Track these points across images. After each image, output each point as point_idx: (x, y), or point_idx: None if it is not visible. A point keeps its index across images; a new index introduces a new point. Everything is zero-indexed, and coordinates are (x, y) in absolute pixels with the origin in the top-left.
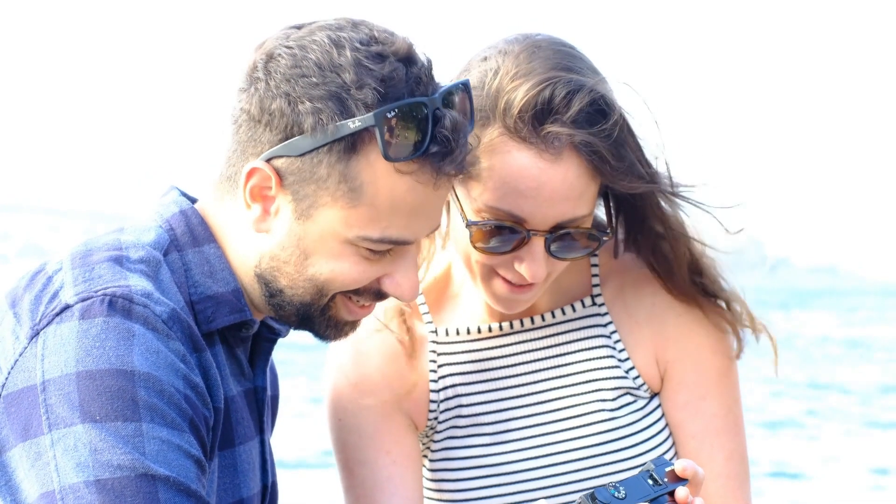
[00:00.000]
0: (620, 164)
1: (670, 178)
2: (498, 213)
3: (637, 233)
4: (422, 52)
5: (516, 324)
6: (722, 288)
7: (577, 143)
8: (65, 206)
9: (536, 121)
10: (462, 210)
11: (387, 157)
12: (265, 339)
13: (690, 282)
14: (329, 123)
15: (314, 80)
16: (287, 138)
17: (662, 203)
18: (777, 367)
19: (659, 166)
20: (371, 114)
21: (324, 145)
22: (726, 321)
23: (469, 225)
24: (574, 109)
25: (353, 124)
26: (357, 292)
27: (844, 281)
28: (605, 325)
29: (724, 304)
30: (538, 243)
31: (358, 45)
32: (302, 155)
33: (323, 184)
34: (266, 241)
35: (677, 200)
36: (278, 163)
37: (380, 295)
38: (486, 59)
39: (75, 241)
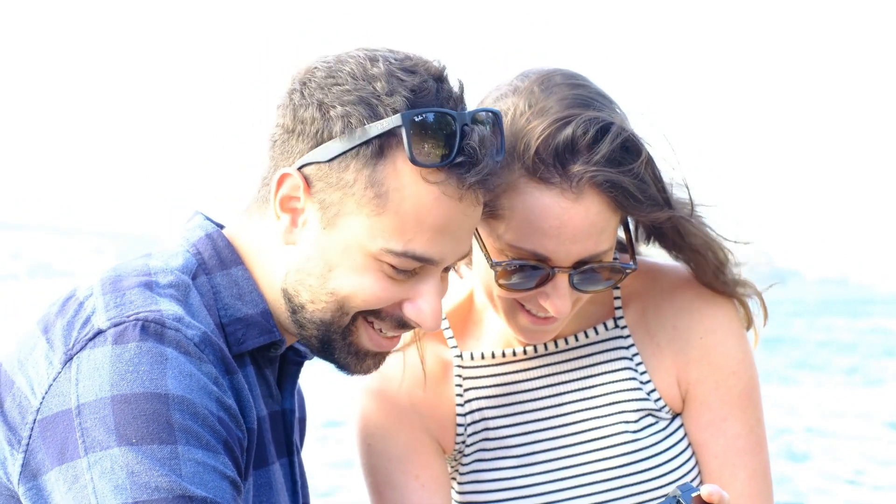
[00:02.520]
0: (643, 199)
1: (690, 199)
2: (521, 253)
3: (661, 244)
4: (455, 77)
5: (540, 347)
6: (745, 284)
7: (598, 181)
8: (73, 224)
9: (558, 160)
10: (485, 249)
11: (413, 161)
12: (292, 362)
13: (716, 278)
14: (357, 127)
15: (347, 87)
16: (317, 144)
17: (679, 223)
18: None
19: (677, 190)
20: (398, 115)
21: (351, 149)
22: (747, 312)
23: (494, 266)
24: (604, 150)
25: (381, 126)
26: (379, 316)
27: (855, 292)
28: (627, 348)
29: (743, 291)
30: (562, 280)
31: (392, 60)
32: (330, 160)
33: (349, 189)
34: (293, 255)
35: (694, 221)
36: (308, 170)
37: (402, 324)
38: (500, 97)
39: (103, 267)
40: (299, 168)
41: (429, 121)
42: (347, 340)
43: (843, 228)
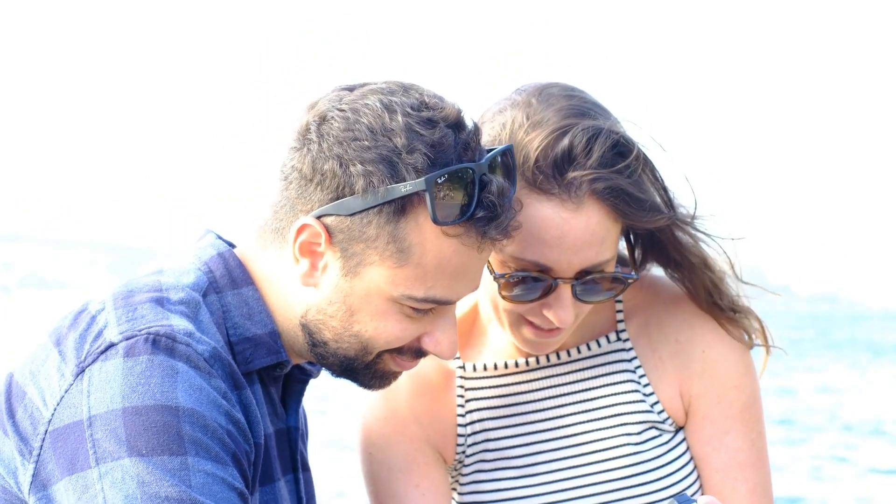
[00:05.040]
0: (642, 202)
1: (690, 207)
2: (523, 264)
3: (658, 261)
4: (469, 117)
5: (542, 359)
6: (739, 305)
7: (598, 189)
8: (65, 236)
9: (557, 170)
10: (488, 262)
11: (435, 221)
12: (297, 381)
13: (710, 302)
14: (380, 186)
15: (366, 143)
16: (338, 198)
17: (679, 234)
18: (763, 371)
19: (674, 198)
20: (422, 178)
21: (374, 207)
22: (744, 331)
23: (497, 278)
24: (595, 155)
25: (405, 188)
26: (400, 352)
27: (845, 308)
28: (629, 360)
29: (740, 318)
30: (565, 290)
31: (409, 111)
32: (352, 215)
33: (372, 243)
34: (313, 295)
35: (692, 230)
36: (328, 220)
37: (420, 353)
38: (499, 112)
39: (115, 283)
40: (318, 217)
41: (450, 179)
42: (372, 370)
43: (834, 245)
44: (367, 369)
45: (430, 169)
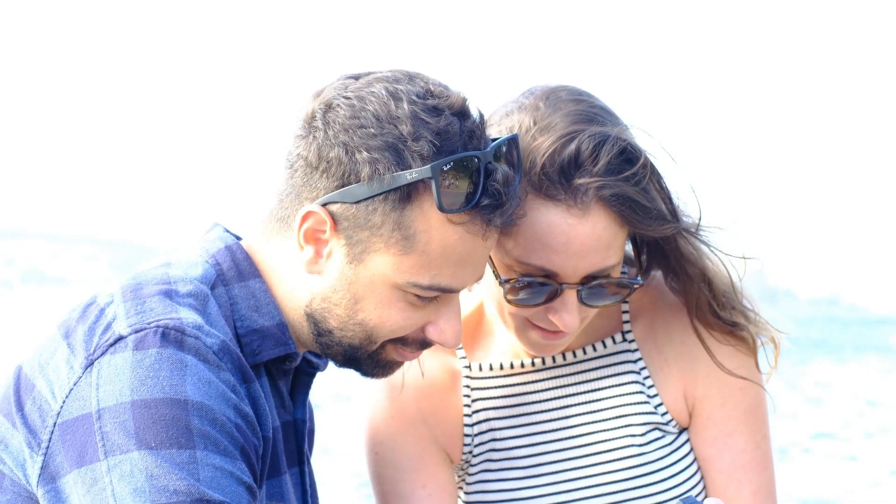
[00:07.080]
0: (648, 210)
1: (697, 217)
2: (529, 269)
3: (661, 268)
4: (475, 106)
5: (548, 360)
6: (740, 318)
7: (604, 196)
8: (68, 231)
9: (563, 176)
10: (493, 265)
11: (441, 209)
12: (304, 373)
13: (711, 314)
14: (386, 173)
15: (372, 130)
16: (343, 185)
17: (682, 245)
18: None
19: (681, 206)
20: (428, 166)
21: (379, 194)
22: (747, 347)
23: (502, 283)
24: (602, 161)
25: (410, 175)
26: (404, 342)
27: (846, 312)
28: (634, 362)
29: (740, 332)
30: (571, 295)
31: (415, 98)
32: (357, 202)
33: (377, 231)
34: (318, 283)
35: (696, 242)
36: (333, 208)
37: (424, 344)
38: (506, 115)
39: (118, 278)
40: (323, 204)
41: (455, 167)
42: (375, 359)
43: (835, 247)
44: (370, 359)
45: (435, 156)
